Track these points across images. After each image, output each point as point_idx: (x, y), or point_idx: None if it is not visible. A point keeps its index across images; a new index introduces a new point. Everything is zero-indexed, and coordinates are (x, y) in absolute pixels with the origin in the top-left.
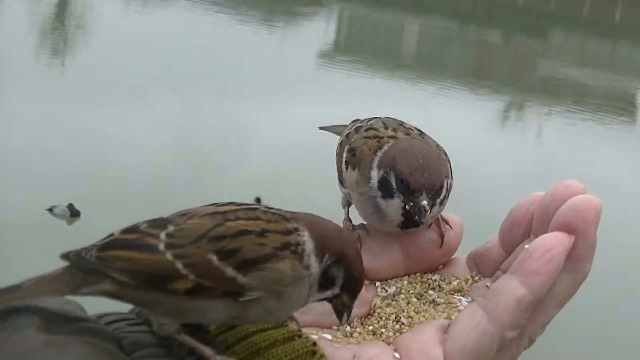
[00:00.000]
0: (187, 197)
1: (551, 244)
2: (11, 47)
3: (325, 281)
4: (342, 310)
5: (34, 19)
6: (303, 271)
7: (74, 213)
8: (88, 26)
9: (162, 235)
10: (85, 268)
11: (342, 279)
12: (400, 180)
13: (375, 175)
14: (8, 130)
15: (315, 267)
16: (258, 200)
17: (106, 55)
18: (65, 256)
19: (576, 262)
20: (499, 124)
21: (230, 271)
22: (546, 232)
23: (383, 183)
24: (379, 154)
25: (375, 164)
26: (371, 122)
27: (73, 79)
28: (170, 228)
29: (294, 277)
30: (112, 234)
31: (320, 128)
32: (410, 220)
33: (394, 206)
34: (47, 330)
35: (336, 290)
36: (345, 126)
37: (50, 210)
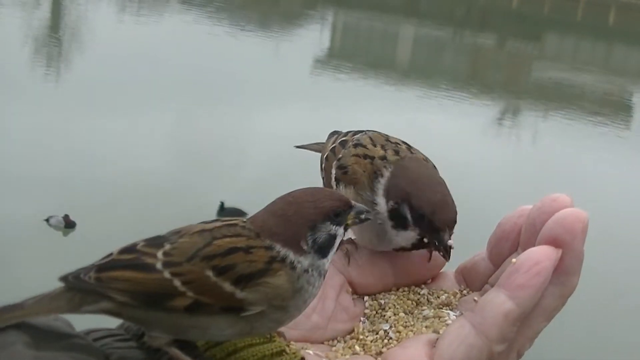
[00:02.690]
0: (183, 209)
1: (538, 257)
2: (6, 57)
3: (323, 249)
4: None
5: (29, 29)
6: (301, 277)
7: (69, 224)
8: (83, 35)
9: (160, 254)
10: (86, 289)
11: (334, 230)
12: (420, 215)
13: (382, 203)
14: (4, 140)
15: (307, 260)
16: (222, 204)
17: (101, 64)
18: (63, 279)
19: (563, 275)
20: (494, 128)
21: (228, 286)
22: (534, 245)
23: (395, 214)
24: (382, 181)
25: (380, 192)
26: (357, 136)
27: (68, 89)
28: (167, 246)
29: (293, 290)
30: (110, 254)
31: (297, 147)
32: (416, 247)
33: (405, 237)
34: (36, 346)
35: (338, 237)
36: (321, 144)
37: (47, 220)
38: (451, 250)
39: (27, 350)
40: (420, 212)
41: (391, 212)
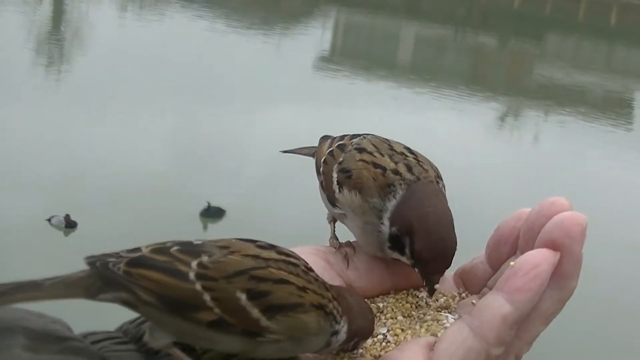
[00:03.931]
0: (184, 209)
1: (536, 260)
2: (7, 57)
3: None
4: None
5: (30, 29)
6: (329, 330)
7: (69, 224)
8: (84, 35)
9: (194, 264)
10: (110, 278)
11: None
12: (419, 257)
13: (385, 222)
14: (6, 140)
15: (339, 338)
16: (208, 205)
17: (102, 63)
18: (91, 263)
19: (562, 279)
20: (495, 128)
21: (255, 313)
22: (532, 249)
23: (395, 241)
24: (392, 201)
25: (388, 213)
26: (356, 140)
27: (70, 88)
28: (204, 258)
29: (318, 330)
30: (139, 249)
31: (284, 151)
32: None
33: (400, 258)
34: (33, 349)
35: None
36: (311, 147)
37: (49, 220)
38: (434, 292)
39: (25, 354)
40: (418, 253)
41: (391, 236)
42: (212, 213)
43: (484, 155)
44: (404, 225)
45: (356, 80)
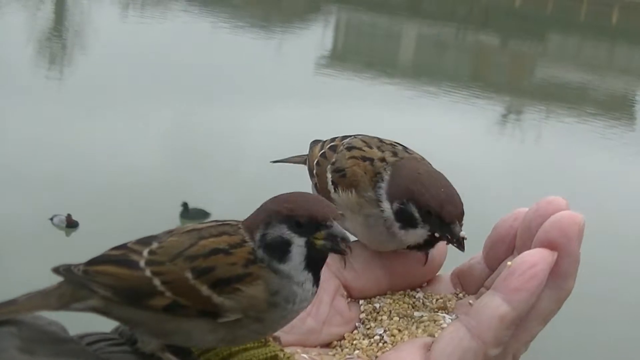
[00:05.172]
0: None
1: (534, 260)
2: (9, 58)
3: (273, 249)
4: (339, 249)
5: (32, 30)
6: (280, 286)
7: (70, 224)
8: (85, 34)
9: (145, 252)
10: (74, 282)
11: (288, 237)
12: (428, 212)
13: (387, 206)
14: (8, 139)
15: (290, 268)
16: (185, 205)
17: (103, 63)
18: (56, 270)
19: (559, 278)
20: (497, 128)
21: (205, 290)
22: (529, 248)
23: (402, 214)
24: (383, 184)
25: (384, 195)
26: (347, 140)
27: (72, 88)
28: (154, 245)
29: (268, 303)
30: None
31: (274, 161)
32: (427, 244)
33: (415, 235)
34: (29, 351)
35: (295, 246)
36: (301, 155)
37: (52, 219)
38: (464, 241)
39: (21, 356)
40: (427, 209)
41: (397, 213)
42: (193, 215)
43: (484, 155)
44: (403, 194)
45: (357, 79)
